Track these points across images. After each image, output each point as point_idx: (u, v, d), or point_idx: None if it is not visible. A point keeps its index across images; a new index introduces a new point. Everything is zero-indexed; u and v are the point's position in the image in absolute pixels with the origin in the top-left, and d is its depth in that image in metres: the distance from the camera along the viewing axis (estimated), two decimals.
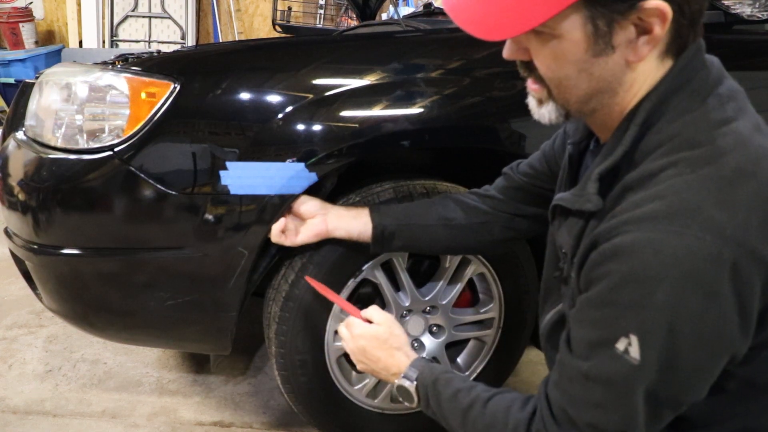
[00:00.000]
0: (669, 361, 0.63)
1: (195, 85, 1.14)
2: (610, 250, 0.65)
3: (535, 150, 1.27)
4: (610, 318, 0.65)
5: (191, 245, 1.17)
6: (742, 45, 1.40)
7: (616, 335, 0.64)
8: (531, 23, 0.64)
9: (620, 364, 0.65)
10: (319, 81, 1.18)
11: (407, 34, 1.45)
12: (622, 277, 0.63)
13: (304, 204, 1.16)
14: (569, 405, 0.71)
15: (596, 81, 0.69)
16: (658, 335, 0.62)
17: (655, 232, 0.62)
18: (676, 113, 0.68)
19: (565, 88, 0.71)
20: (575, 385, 0.70)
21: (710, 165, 0.64)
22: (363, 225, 1.14)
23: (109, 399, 1.64)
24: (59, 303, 1.28)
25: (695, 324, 0.61)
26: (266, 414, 1.60)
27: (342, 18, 4.91)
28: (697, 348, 0.63)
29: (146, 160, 1.12)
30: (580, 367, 0.69)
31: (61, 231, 1.17)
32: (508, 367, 1.52)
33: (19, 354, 1.85)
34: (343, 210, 1.17)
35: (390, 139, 1.19)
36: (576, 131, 0.88)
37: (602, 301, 0.66)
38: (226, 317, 1.25)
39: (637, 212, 0.64)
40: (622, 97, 0.71)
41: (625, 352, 0.64)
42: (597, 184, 0.72)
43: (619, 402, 0.66)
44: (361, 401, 1.39)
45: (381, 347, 0.99)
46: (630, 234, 0.63)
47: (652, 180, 0.66)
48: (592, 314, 0.68)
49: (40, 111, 1.24)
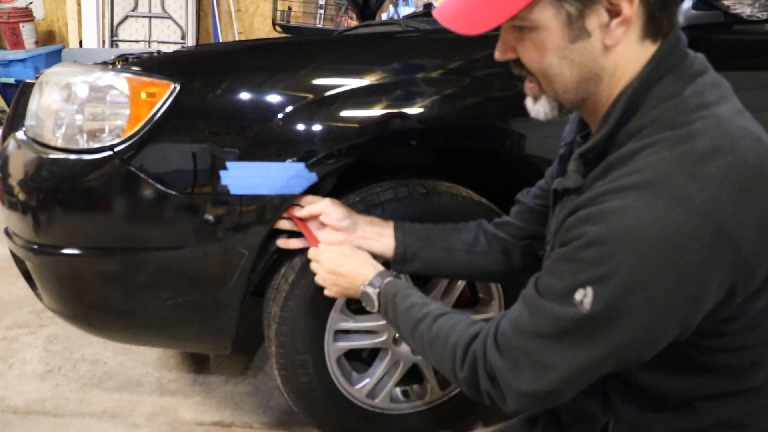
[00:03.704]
0: (615, 314, 0.66)
1: (195, 85, 1.14)
2: (585, 215, 0.69)
3: (535, 150, 1.28)
4: (574, 271, 0.69)
5: (191, 245, 1.17)
6: (742, 45, 1.40)
7: (575, 286, 0.68)
8: (506, 14, 0.69)
9: (573, 311, 0.69)
10: (319, 81, 1.18)
11: (407, 34, 1.45)
12: (590, 237, 0.67)
13: (329, 215, 1.13)
14: (515, 332, 0.75)
15: (578, 67, 0.72)
16: (610, 291, 0.66)
17: (627, 200, 0.65)
18: (658, 99, 0.71)
19: (551, 78, 0.74)
20: (529, 316, 0.75)
21: (686, 143, 0.66)
22: (385, 246, 1.13)
23: (109, 399, 1.64)
24: (59, 303, 1.29)
25: (649, 288, 0.64)
26: (266, 414, 1.60)
27: (342, 18, 4.91)
28: (646, 309, 0.66)
29: (146, 160, 1.12)
30: (540, 303, 0.74)
31: (61, 231, 1.18)
32: None
33: (19, 354, 1.85)
34: (368, 227, 1.14)
35: (390, 139, 1.19)
36: (569, 133, 0.91)
37: (570, 257, 0.70)
38: (226, 317, 1.25)
39: (614, 184, 0.68)
40: (608, 83, 0.73)
41: (580, 303, 0.68)
42: (576, 163, 0.76)
43: (559, 345, 0.71)
44: (361, 401, 1.39)
45: (349, 260, 1.07)
46: (605, 203, 0.67)
47: (632, 158, 0.69)
48: (560, 267, 0.72)
49: (40, 111, 1.24)
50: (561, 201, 0.81)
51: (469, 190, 1.35)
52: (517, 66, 0.78)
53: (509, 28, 0.75)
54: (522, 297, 0.79)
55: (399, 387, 1.45)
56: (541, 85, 0.76)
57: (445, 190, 1.30)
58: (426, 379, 1.43)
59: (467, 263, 1.13)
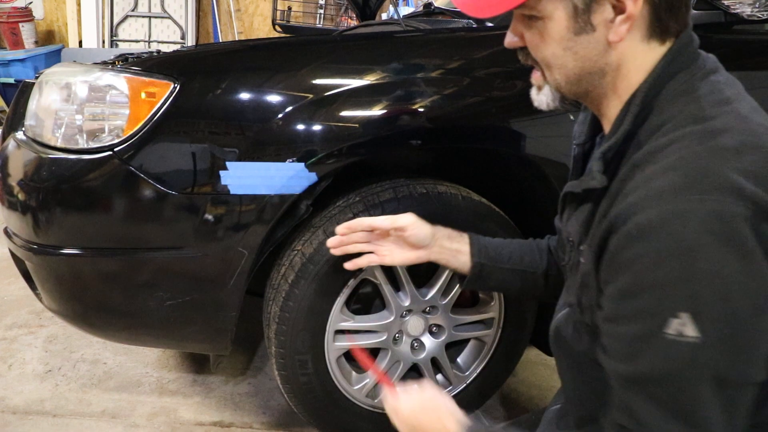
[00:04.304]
0: (730, 330, 0.59)
1: (195, 85, 1.14)
2: (635, 231, 0.62)
3: (535, 150, 1.27)
4: (653, 301, 0.61)
5: (191, 245, 1.17)
6: (742, 45, 1.40)
7: (664, 319, 0.60)
8: (516, 1, 0.70)
9: (677, 349, 0.59)
10: (319, 81, 1.18)
11: (407, 34, 1.45)
12: (656, 255, 0.60)
13: (415, 234, 1.09)
14: (636, 425, 0.64)
15: (581, 60, 0.73)
16: (711, 304, 0.58)
17: (677, 203, 0.61)
18: (675, 94, 0.71)
19: (554, 67, 0.75)
20: (633, 397, 0.64)
21: (715, 138, 0.64)
22: (462, 264, 1.10)
23: (109, 399, 1.64)
24: (59, 303, 1.28)
25: (741, 284, 0.59)
26: (266, 414, 1.60)
27: (342, 18, 4.91)
28: (752, 309, 0.59)
29: (146, 160, 1.12)
30: (631, 372, 0.64)
31: (60, 231, 1.17)
32: (508, 367, 1.52)
33: (18, 354, 1.85)
34: (446, 242, 1.11)
35: (390, 139, 1.19)
36: (581, 134, 0.90)
37: (639, 287, 0.62)
38: (225, 317, 1.25)
39: (652, 187, 0.63)
40: (613, 77, 0.74)
41: (679, 335, 0.59)
42: (600, 162, 0.74)
43: (687, 398, 0.61)
44: (361, 401, 1.39)
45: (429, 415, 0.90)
46: (651, 210, 0.62)
47: (659, 155, 0.66)
48: (629, 305, 0.63)
49: (39, 111, 1.24)
50: (580, 203, 0.80)
51: (469, 190, 1.35)
52: (524, 54, 0.78)
53: (519, 16, 0.76)
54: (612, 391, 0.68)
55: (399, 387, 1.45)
56: (545, 75, 0.77)
57: (445, 191, 1.30)
58: (426, 379, 1.43)
59: (533, 285, 1.10)
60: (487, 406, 1.63)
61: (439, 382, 1.45)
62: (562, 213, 0.88)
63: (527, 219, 1.45)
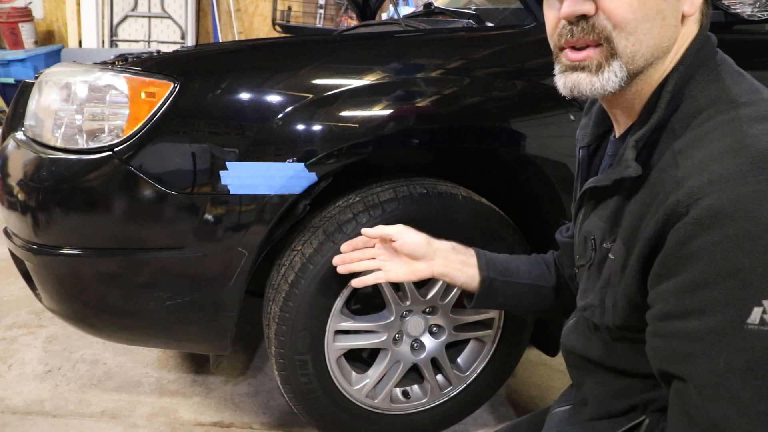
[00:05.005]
0: None
1: (195, 85, 1.14)
2: (706, 218, 0.58)
3: (535, 151, 1.27)
4: (734, 290, 0.56)
5: (191, 245, 1.17)
6: (742, 45, 1.40)
7: (747, 307, 0.56)
8: None
9: (763, 338, 0.55)
10: (319, 81, 1.18)
11: (407, 34, 1.45)
12: (735, 240, 0.56)
13: (406, 242, 1.08)
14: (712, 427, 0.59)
15: (664, 29, 0.68)
16: None
17: (748, 184, 0.57)
18: (706, 82, 0.69)
19: (639, 34, 0.67)
20: (705, 402, 0.59)
21: (764, 122, 0.62)
22: (470, 278, 1.07)
23: (109, 399, 1.64)
24: (59, 303, 1.28)
25: None
26: (266, 414, 1.60)
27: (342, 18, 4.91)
28: None
29: (146, 160, 1.12)
30: (703, 372, 0.59)
31: (60, 231, 1.17)
32: (508, 367, 1.52)
33: (18, 354, 1.85)
34: (451, 254, 1.08)
35: (390, 139, 1.19)
36: (584, 136, 0.89)
37: (715, 276, 0.58)
38: (225, 317, 1.25)
39: (715, 171, 0.60)
40: (662, 62, 0.70)
41: (763, 323, 0.55)
42: (633, 150, 0.69)
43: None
44: (361, 401, 1.38)
45: None
46: (721, 194, 0.58)
47: (705, 140, 0.63)
48: (702, 297, 0.59)
49: (39, 111, 1.24)
50: (603, 198, 0.76)
51: (470, 191, 1.35)
52: (586, 26, 0.68)
53: None
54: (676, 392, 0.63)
55: (399, 387, 1.45)
56: (616, 47, 0.68)
57: (445, 191, 1.29)
58: (426, 380, 1.43)
59: (541, 300, 1.07)
60: (487, 407, 1.63)
61: (439, 382, 1.45)
62: (577, 212, 0.86)
63: (527, 219, 1.45)
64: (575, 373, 0.93)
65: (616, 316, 0.75)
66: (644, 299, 0.69)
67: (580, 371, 0.90)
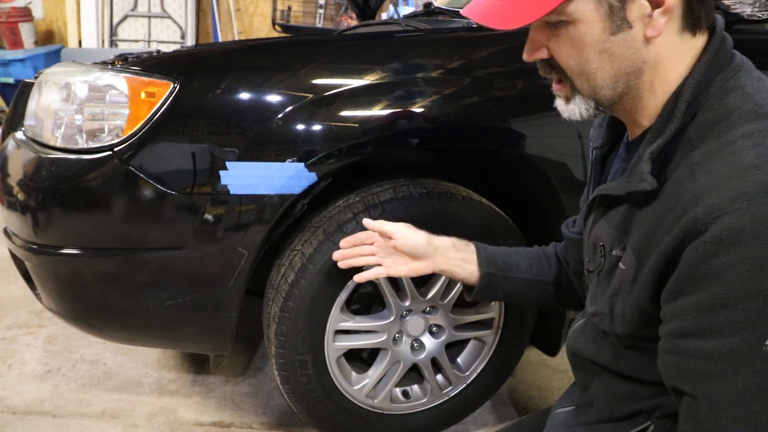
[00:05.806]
0: None
1: (195, 84, 1.14)
2: (727, 237, 0.57)
3: (535, 150, 1.27)
4: (754, 312, 0.56)
5: (191, 245, 1.17)
6: (742, 45, 1.39)
7: (766, 329, 0.55)
8: (545, 8, 0.66)
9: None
10: (319, 81, 1.18)
11: (407, 34, 1.45)
12: (755, 261, 0.56)
13: (406, 242, 1.08)
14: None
15: (618, 60, 0.69)
16: None
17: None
18: (724, 91, 0.67)
19: (589, 74, 0.70)
20: (721, 422, 0.59)
21: None
22: (469, 273, 1.07)
23: (109, 399, 1.64)
24: (58, 303, 1.28)
25: None
26: (266, 414, 1.60)
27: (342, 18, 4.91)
28: None
29: (146, 160, 1.12)
30: (719, 391, 0.58)
31: (60, 231, 1.17)
32: (508, 367, 1.52)
33: (18, 354, 1.85)
34: (451, 252, 1.08)
35: (390, 139, 1.19)
36: (598, 137, 0.88)
37: (736, 297, 0.57)
38: (225, 317, 1.25)
39: (736, 187, 0.58)
40: (650, 75, 0.70)
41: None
42: (649, 164, 0.68)
43: None
44: (361, 401, 1.38)
45: None
46: (743, 212, 0.57)
47: (725, 152, 0.62)
48: (721, 317, 0.58)
49: (39, 111, 1.24)
50: (613, 205, 0.76)
51: (470, 190, 1.35)
52: (547, 66, 0.74)
53: (540, 26, 0.71)
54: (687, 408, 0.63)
55: (399, 387, 1.45)
56: (574, 85, 0.72)
57: (445, 190, 1.29)
58: (426, 380, 1.43)
59: (541, 293, 1.08)
60: (487, 407, 1.63)
61: (439, 382, 1.45)
62: (587, 216, 0.85)
63: (527, 219, 1.45)
64: (581, 375, 0.92)
65: (625, 325, 0.74)
66: (655, 310, 0.68)
67: (587, 374, 0.89)
